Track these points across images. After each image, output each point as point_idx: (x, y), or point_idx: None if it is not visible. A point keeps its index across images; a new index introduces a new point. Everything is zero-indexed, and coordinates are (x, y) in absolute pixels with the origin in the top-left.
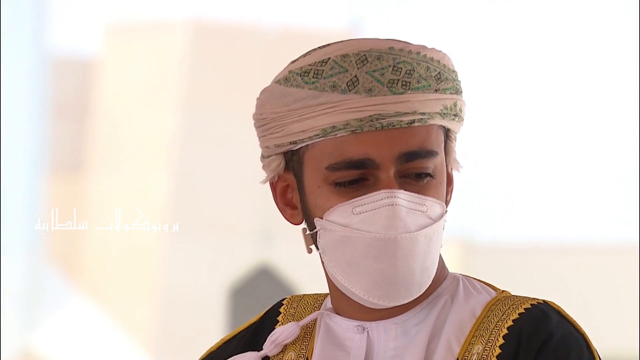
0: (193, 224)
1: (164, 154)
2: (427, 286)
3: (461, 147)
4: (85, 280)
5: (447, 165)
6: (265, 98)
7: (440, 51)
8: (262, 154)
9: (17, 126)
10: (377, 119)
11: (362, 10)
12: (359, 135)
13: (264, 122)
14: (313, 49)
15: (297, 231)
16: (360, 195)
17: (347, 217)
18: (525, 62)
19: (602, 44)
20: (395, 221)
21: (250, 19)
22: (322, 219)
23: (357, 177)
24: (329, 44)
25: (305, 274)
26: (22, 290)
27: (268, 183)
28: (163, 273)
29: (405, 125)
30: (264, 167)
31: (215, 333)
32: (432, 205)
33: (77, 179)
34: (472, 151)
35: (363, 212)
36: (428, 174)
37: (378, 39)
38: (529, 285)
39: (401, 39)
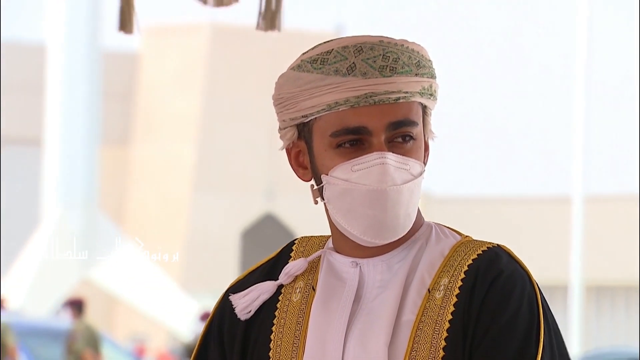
0: (213, 181)
1: (191, 127)
2: (409, 228)
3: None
4: (130, 226)
5: (424, 135)
6: (283, 81)
7: (419, 44)
8: (279, 127)
9: (76, 106)
10: (370, 96)
11: (344, 18)
12: (356, 109)
13: (281, 100)
14: (320, 44)
15: (296, 187)
16: (358, 157)
17: (347, 173)
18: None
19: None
20: (385, 176)
21: None
22: (327, 175)
23: (354, 139)
24: (332, 40)
25: (300, 220)
26: (81, 235)
27: (284, 150)
28: (190, 220)
29: (393, 101)
30: (281, 137)
31: (230, 267)
32: (413, 164)
33: (123, 147)
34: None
35: (360, 170)
36: (411, 137)
37: (370, 35)
38: (476, 229)
39: (386, 35)
